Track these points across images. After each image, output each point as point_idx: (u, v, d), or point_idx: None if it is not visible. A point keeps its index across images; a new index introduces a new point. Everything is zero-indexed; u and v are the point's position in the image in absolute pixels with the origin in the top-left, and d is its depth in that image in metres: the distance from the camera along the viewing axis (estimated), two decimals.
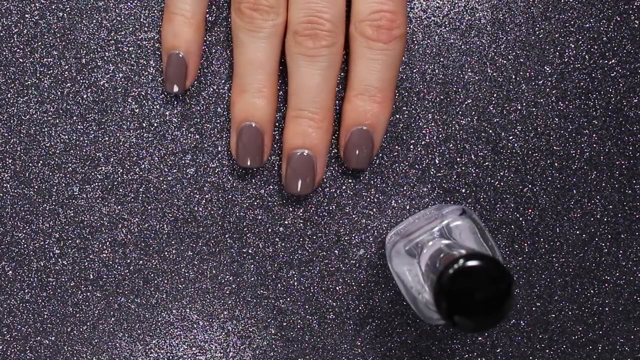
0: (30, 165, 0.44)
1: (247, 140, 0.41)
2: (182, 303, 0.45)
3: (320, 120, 0.40)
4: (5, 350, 0.45)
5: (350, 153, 0.41)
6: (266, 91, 0.41)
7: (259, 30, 0.40)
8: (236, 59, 0.41)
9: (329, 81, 0.40)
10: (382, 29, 0.39)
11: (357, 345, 0.45)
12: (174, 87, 0.42)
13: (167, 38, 0.41)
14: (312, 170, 0.41)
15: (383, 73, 0.40)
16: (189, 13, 0.41)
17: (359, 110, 0.40)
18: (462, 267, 0.31)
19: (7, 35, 0.44)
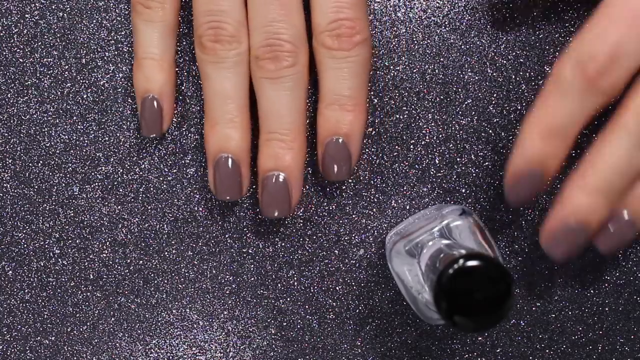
0: (30, 165, 0.44)
1: (224, 173, 0.41)
2: (182, 303, 0.45)
3: (291, 141, 0.40)
4: (5, 350, 0.45)
5: (328, 166, 0.41)
6: (238, 121, 0.40)
7: (223, 61, 0.40)
8: (205, 93, 0.41)
9: (296, 101, 0.40)
10: (343, 37, 0.39)
11: (357, 345, 0.45)
12: (150, 133, 0.42)
13: (139, 83, 0.41)
14: (287, 193, 0.40)
15: (351, 81, 0.40)
16: (157, 56, 0.41)
17: (331, 122, 0.40)
18: (462, 267, 0.31)
19: (7, 35, 0.44)
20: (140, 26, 0.41)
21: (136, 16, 0.41)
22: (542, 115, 0.37)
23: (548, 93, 0.37)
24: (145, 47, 0.41)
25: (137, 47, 0.41)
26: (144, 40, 0.41)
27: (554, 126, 0.37)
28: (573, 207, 0.37)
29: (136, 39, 0.41)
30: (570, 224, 0.37)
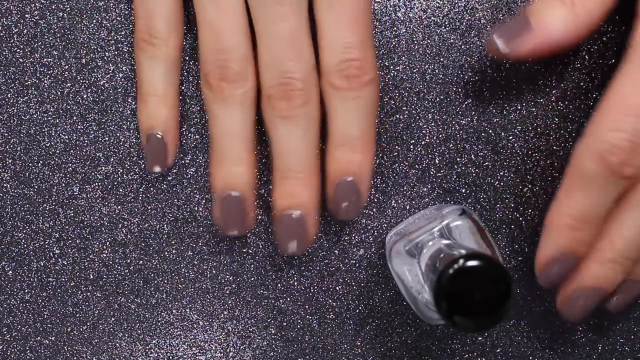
0: (30, 165, 0.44)
1: (231, 209, 0.41)
2: (182, 303, 0.45)
3: (305, 178, 0.40)
4: (5, 350, 0.45)
5: (337, 206, 0.41)
6: (244, 158, 0.40)
7: (229, 99, 0.39)
8: (211, 131, 0.41)
9: (309, 139, 0.40)
10: (352, 78, 0.39)
11: (357, 345, 0.45)
12: (155, 167, 0.42)
13: (143, 119, 0.42)
14: (304, 229, 0.40)
15: (360, 121, 0.39)
16: (161, 92, 0.41)
17: (341, 163, 0.40)
18: (462, 267, 0.31)
19: (7, 35, 0.44)
20: (144, 63, 0.41)
21: (139, 53, 0.41)
22: (568, 207, 0.38)
23: (572, 185, 0.38)
24: (149, 83, 0.41)
25: (140, 83, 0.41)
26: (147, 76, 0.41)
27: (582, 217, 0.38)
28: (589, 275, 0.39)
29: (139, 75, 0.41)
30: (586, 290, 0.39)
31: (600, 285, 0.39)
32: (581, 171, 0.38)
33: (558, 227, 0.39)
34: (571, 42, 0.37)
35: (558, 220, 0.39)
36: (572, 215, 0.38)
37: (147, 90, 0.41)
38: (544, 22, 0.37)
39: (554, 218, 0.39)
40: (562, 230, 0.39)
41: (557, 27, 0.37)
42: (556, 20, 0.37)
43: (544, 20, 0.37)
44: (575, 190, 0.38)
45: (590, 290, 0.39)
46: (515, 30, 0.37)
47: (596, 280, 0.39)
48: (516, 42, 0.38)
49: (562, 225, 0.39)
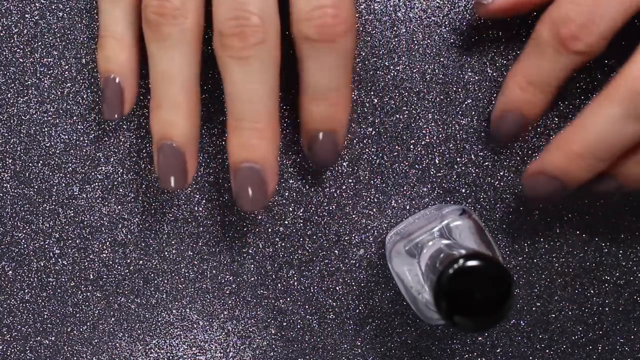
0: (30, 165, 0.44)
1: (166, 161, 0.38)
2: (182, 303, 0.45)
3: (263, 129, 0.37)
4: (5, 350, 0.45)
5: (315, 158, 0.40)
6: (184, 105, 0.37)
7: (167, 38, 0.36)
8: (150, 72, 0.38)
9: (267, 83, 0.36)
10: (325, 27, 0.35)
11: (357, 345, 0.45)
12: (111, 114, 0.40)
13: (100, 63, 0.40)
14: (263, 184, 0.38)
15: (334, 73, 0.37)
16: (119, 35, 0.39)
17: (315, 117, 0.38)
18: (462, 267, 0.31)
19: (7, 35, 0.44)
20: (104, 6, 0.39)
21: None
22: (520, 69, 0.39)
23: (528, 50, 0.39)
24: (107, 26, 0.39)
25: (100, 26, 0.40)
26: (106, 20, 0.39)
27: (531, 80, 0.38)
28: (552, 167, 0.38)
29: (100, 19, 0.40)
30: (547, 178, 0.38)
31: (562, 178, 0.38)
32: (536, 38, 0.38)
33: (509, 86, 0.40)
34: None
35: (511, 80, 0.39)
36: (523, 76, 0.39)
37: (104, 32, 0.39)
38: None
39: (508, 77, 0.40)
40: (513, 89, 0.39)
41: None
42: None
43: None
44: (530, 54, 0.38)
45: (551, 179, 0.38)
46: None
47: (558, 171, 0.38)
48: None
49: (513, 85, 0.39)
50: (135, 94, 0.40)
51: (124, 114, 0.40)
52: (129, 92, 0.40)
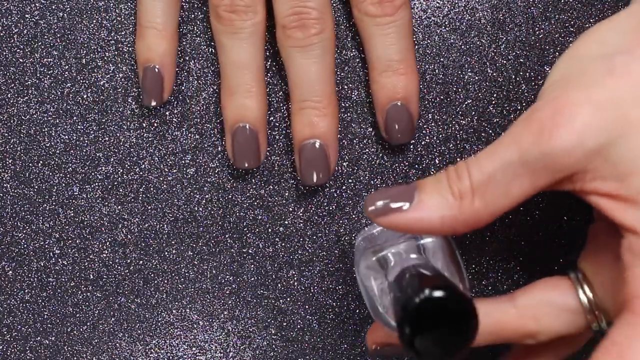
0: (30, 165, 0.44)
1: (242, 142, 0.41)
2: (182, 303, 0.45)
3: (324, 108, 0.41)
4: (5, 350, 0.45)
5: (391, 131, 0.41)
6: (255, 90, 0.41)
7: (240, 31, 0.40)
8: (221, 63, 0.42)
9: (325, 68, 0.41)
10: (385, 3, 0.40)
11: (357, 345, 0.45)
12: (151, 101, 0.42)
13: (141, 52, 0.42)
14: (325, 159, 0.41)
15: (399, 44, 0.40)
16: (160, 25, 0.41)
17: (388, 88, 0.41)
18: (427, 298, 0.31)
19: (7, 35, 0.44)
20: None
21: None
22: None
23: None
24: (149, 16, 0.41)
25: (140, 16, 0.42)
26: (147, 9, 0.41)
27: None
28: None
29: (140, 9, 0.42)
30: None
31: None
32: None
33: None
34: (448, 231, 0.33)
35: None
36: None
37: (146, 23, 0.42)
38: (425, 204, 0.33)
39: None
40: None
41: (436, 215, 0.33)
42: (436, 208, 0.33)
43: (427, 202, 0.33)
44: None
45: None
46: (396, 199, 0.33)
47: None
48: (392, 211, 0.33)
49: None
50: (173, 82, 0.43)
51: (163, 101, 0.42)
52: (168, 80, 0.42)
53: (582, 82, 0.31)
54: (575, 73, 0.32)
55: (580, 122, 0.30)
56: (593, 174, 0.31)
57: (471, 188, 0.32)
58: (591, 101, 0.31)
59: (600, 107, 0.30)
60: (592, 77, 0.31)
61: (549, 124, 0.31)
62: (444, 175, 0.33)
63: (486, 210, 0.32)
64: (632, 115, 0.30)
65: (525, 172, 0.31)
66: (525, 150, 0.31)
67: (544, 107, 0.31)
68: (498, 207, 0.32)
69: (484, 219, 0.33)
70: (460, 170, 0.33)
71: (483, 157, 0.32)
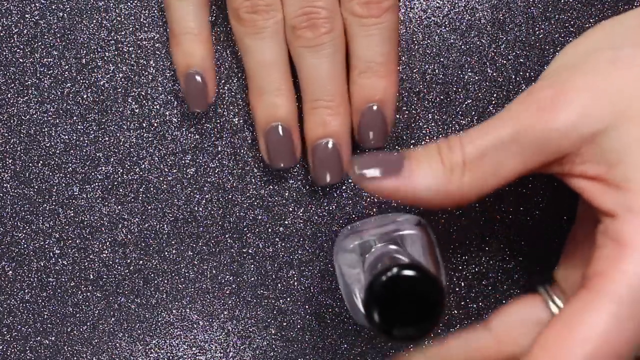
0: (30, 165, 0.44)
1: (276, 142, 0.41)
2: (182, 303, 0.45)
3: (336, 107, 0.41)
4: (5, 350, 0.45)
5: (364, 134, 0.41)
6: (284, 88, 0.41)
7: (262, 31, 0.40)
8: (247, 64, 0.41)
9: (336, 67, 0.40)
10: (372, 4, 0.39)
11: (357, 345, 0.45)
12: (196, 108, 0.42)
13: (180, 59, 0.41)
14: (338, 159, 0.41)
15: (382, 47, 0.40)
16: (195, 30, 0.41)
17: (365, 89, 0.41)
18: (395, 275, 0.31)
19: (7, 35, 0.44)
20: (175, 3, 0.41)
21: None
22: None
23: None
24: (182, 22, 0.41)
25: (172, 24, 0.41)
26: (179, 16, 0.41)
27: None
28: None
29: (171, 16, 0.41)
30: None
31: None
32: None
33: None
34: (433, 204, 0.33)
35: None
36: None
37: (180, 29, 0.41)
38: (414, 174, 0.32)
39: None
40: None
41: (424, 185, 0.32)
42: (425, 177, 0.32)
43: (415, 172, 0.32)
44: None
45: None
46: (385, 165, 0.33)
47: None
48: (379, 178, 0.33)
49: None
50: (215, 85, 0.43)
51: (209, 105, 0.42)
52: (211, 84, 0.42)
53: (586, 69, 0.31)
54: (580, 60, 0.32)
55: (579, 107, 0.31)
56: (583, 157, 0.31)
57: (463, 162, 0.32)
58: (592, 88, 0.31)
59: (600, 95, 0.31)
60: (596, 65, 0.31)
61: (548, 105, 0.31)
62: (434, 146, 0.33)
63: (475, 186, 0.32)
64: (630, 108, 0.30)
65: (519, 151, 0.31)
66: (522, 129, 0.31)
67: (545, 88, 0.31)
68: (487, 185, 0.32)
69: (470, 196, 0.32)
70: (453, 142, 0.32)
71: (477, 132, 0.32)
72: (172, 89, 0.44)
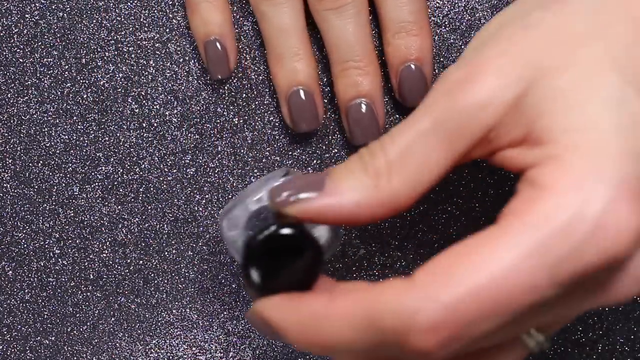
0: (30, 165, 0.44)
1: (299, 105, 0.41)
2: (182, 303, 0.45)
3: (366, 66, 0.41)
4: (5, 350, 0.45)
5: (406, 93, 0.41)
6: (302, 53, 0.41)
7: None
8: (264, 31, 0.41)
9: (362, 27, 0.41)
10: None
11: None
12: (218, 74, 0.42)
13: (198, 27, 0.42)
14: (374, 118, 0.41)
15: (410, 6, 0.41)
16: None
17: (401, 49, 0.41)
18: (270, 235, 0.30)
19: (7, 35, 0.44)
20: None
21: None
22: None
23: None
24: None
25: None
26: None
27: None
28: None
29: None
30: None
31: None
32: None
33: None
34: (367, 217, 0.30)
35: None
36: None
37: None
38: (337, 188, 0.30)
39: None
40: None
41: (351, 199, 0.30)
42: (350, 191, 0.30)
43: (339, 187, 0.30)
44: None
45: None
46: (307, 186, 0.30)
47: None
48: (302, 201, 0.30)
49: None
50: (236, 51, 0.43)
51: (230, 72, 0.42)
52: (231, 50, 0.42)
53: (498, 40, 0.30)
54: (492, 35, 0.30)
55: (492, 76, 0.29)
56: (508, 127, 0.29)
57: (387, 164, 0.30)
58: (505, 55, 0.29)
59: (514, 60, 0.29)
60: (508, 34, 0.30)
61: (462, 83, 0.29)
62: (356, 157, 0.31)
63: (406, 187, 0.30)
64: (545, 62, 0.29)
65: (442, 137, 0.29)
66: (440, 114, 0.29)
67: (456, 69, 0.30)
68: (418, 183, 0.30)
69: (405, 199, 0.30)
70: (374, 148, 0.30)
71: (396, 131, 0.30)
72: (172, 89, 0.44)
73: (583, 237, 0.27)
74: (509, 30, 0.30)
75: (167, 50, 0.44)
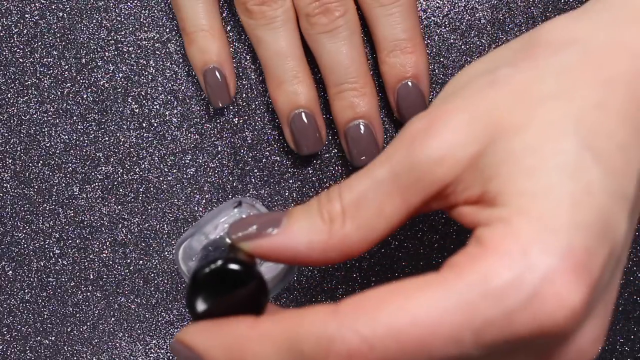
0: (30, 165, 0.44)
1: (301, 128, 0.42)
2: (182, 303, 0.45)
3: (362, 87, 0.41)
4: (5, 350, 0.45)
5: (404, 111, 0.42)
6: (301, 76, 0.41)
7: (273, 21, 0.40)
8: (262, 56, 0.42)
9: (356, 48, 0.41)
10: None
11: None
12: (219, 103, 0.42)
13: (196, 57, 0.42)
14: (373, 137, 0.41)
15: (404, 24, 0.41)
16: (206, 26, 0.42)
17: (397, 67, 0.41)
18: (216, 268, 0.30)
19: (7, 35, 0.44)
20: (184, 2, 0.42)
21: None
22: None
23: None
24: (193, 20, 0.42)
25: (184, 23, 0.42)
26: (190, 14, 0.42)
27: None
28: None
29: (181, 15, 0.42)
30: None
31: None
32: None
33: None
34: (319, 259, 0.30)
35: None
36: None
37: (192, 27, 0.42)
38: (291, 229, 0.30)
39: None
40: None
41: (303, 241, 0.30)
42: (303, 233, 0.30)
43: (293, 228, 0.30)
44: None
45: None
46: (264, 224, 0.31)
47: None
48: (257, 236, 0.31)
49: None
50: (235, 77, 0.43)
51: (231, 99, 0.43)
52: (230, 78, 0.42)
53: (463, 94, 0.30)
54: (459, 88, 0.30)
55: (452, 132, 0.28)
56: (465, 184, 0.29)
57: (342, 210, 0.30)
58: (467, 111, 0.29)
59: (475, 117, 0.29)
60: (474, 89, 0.30)
61: (421, 135, 0.29)
62: (314, 200, 0.31)
63: (358, 233, 0.29)
64: (505, 121, 0.28)
65: (397, 188, 0.29)
66: (397, 165, 0.29)
67: (418, 120, 0.29)
68: (371, 230, 0.30)
69: (357, 245, 0.30)
70: (332, 193, 0.30)
71: (355, 178, 0.30)
72: (172, 89, 0.44)
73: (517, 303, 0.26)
74: (477, 84, 0.30)
75: (167, 50, 0.44)
